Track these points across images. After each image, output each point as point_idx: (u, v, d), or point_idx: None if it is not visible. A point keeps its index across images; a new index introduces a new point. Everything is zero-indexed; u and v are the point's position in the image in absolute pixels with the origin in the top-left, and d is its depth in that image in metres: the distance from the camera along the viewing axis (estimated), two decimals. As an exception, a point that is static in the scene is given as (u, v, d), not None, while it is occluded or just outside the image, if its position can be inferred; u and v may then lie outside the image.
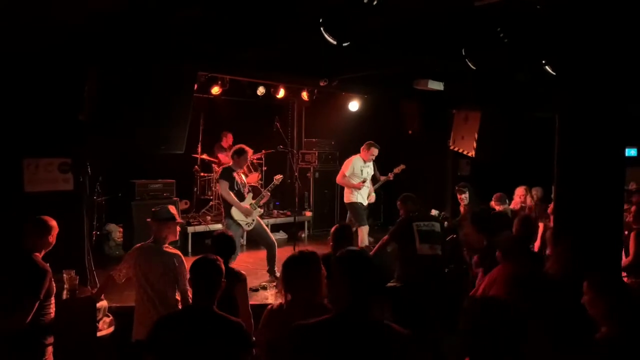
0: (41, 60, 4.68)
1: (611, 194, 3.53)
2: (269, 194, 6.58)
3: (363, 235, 7.03)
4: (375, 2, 2.92)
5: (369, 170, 7.33)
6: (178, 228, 3.97)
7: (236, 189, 6.04)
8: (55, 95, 4.76)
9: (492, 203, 6.52)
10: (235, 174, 6.08)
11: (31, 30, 4.35)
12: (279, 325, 2.51)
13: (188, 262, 3.79)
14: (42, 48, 4.58)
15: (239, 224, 5.98)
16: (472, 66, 4.44)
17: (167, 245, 3.82)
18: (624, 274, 3.80)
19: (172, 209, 3.92)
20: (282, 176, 6.75)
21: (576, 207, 3.57)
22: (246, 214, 6.02)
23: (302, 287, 2.65)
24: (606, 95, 3.51)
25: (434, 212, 6.80)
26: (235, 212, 5.99)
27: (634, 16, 3.73)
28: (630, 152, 9.02)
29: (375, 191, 7.74)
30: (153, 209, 3.93)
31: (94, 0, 3.92)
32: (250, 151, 6.27)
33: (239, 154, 6.09)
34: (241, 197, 6.07)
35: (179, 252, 3.82)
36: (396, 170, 7.65)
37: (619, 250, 3.71)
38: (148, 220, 3.88)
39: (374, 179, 7.66)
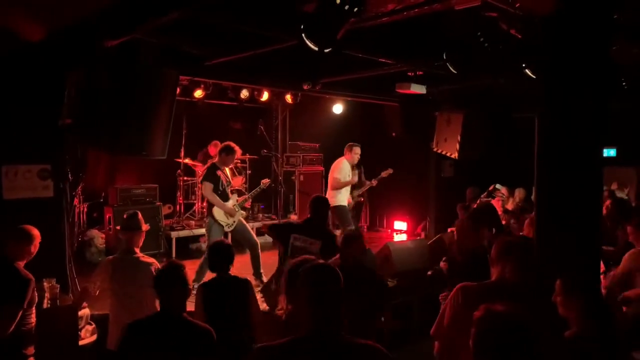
0: (19, 66, 4.62)
1: (589, 193, 3.58)
2: (250, 200, 6.56)
3: None
4: (356, 9, 2.94)
5: (353, 175, 7.41)
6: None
7: (221, 189, 6.00)
8: (34, 101, 4.70)
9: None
10: (219, 172, 6.03)
11: (9, 34, 4.29)
12: (282, 334, 2.47)
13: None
14: (20, 53, 4.51)
15: (220, 224, 5.96)
16: (452, 70, 4.48)
17: (139, 253, 3.82)
18: None
19: (140, 216, 4.01)
20: (269, 180, 6.74)
21: (556, 207, 3.62)
22: (229, 214, 5.98)
23: None
24: (585, 97, 3.57)
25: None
26: (217, 212, 5.95)
27: (610, 16, 3.81)
28: (610, 152, 9.16)
29: (360, 195, 7.78)
30: (125, 216, 3.98)
31: (74, 4, 3.88)
32: (239, 151, 6.22)
33: (228, 152, 6.03)
34: (226, 197, 6.03)
35: (154, 260, 3.80)
36: (384, 174, 7.68)
37: (597, 249, 3.77)
38: (117, 227, 3.89)
39: (359, 184, 7.69)
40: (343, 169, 7.24)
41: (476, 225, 4.10)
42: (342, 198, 7.24)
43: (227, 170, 6.25)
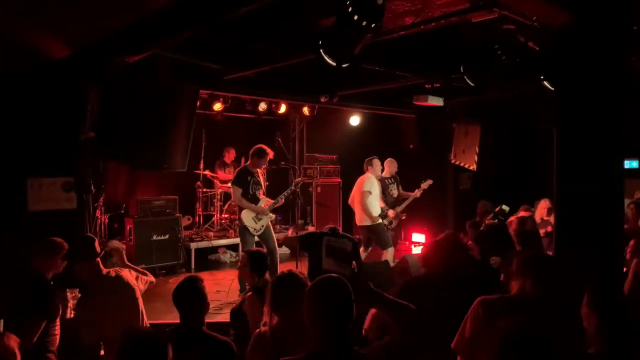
0: (43, 81, 4.75)
1: (610, 206, 3.54)
2: (283, 200, 6.54)
3: (389, 258, 6.66)
4: (373, 25, 2.97)
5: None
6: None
7: (251, 193, 6.02)
8: (57, 115, 4.83)
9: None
10: (249, 177, 6.03)
11: (33, 52, 4.43)
12: (270, 350, 2.46)
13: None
14: (44, 70, 4.65)
15: (247, 229, 5.98)
16: (470, 82, 4.48)
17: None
18: None
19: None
20: (302, 179, 6.73)
21: (576, 220, 3.58)
22: (257, 218, 5.99)
23: (293, 309, 2.50)
24: (603, 108, 3.54)
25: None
26: (245, 217, 5.96)
27: (626, 27, 3.78)
28: (632, 163, 9.00)
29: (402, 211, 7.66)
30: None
31: (95, 21, 3.99)
32: (270, 153, 6.22)
33: (260, 155, 6.07)
34: (255, 201, 6.05)
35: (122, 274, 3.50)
36: (424, 185, 7.40)
37: (620, 263, 3.71)
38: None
39: (398, 200, 7.57)
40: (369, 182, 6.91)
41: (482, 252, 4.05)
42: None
43: (259, 172, 6.23)
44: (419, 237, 9.61)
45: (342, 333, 1.88)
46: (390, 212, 7.16)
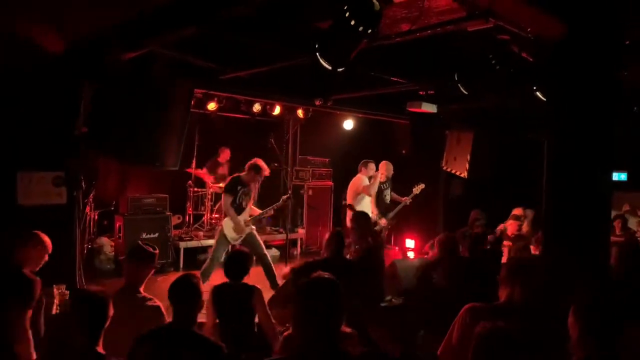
0: (37, 76, 4.72)
1: (597, 216, 3.58)
2: (272, 212, 6.55)
3: None
4: (370, 31, 2.99)
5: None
6: None
7: (237, 202, 6.01)
8: (50, 109, 4.80)
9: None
10: (240, 187, 6.01)
11: (27, 46, 4.41)
12: None
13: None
14: (38, 63, 4.62)
15: (225, 236, 6.00)
16: (463, 91, 4.52)
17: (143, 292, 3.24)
18: None
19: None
20: (289, 195, 6.82)
21: (564, 229, 3.62)
22: (237, 230, 5.99)
23: None
24: (595, 121, 3.58)
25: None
26: (225, 225, 5.99)
27: (620, 41, 3.84)
28: (621, 176, 9.10)
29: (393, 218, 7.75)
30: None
31: (90, 16, 3.98)
32: (266, 170, 6.12)
33: (256, 170, 6.01)
34: (240, 211, 6.04)
35: (159, 304, 3.18)
36: (415, 190, 7.53)
37: (605, 272, 3.75)
38: (121, 258, 3.52)
39: (390, 206, 7.64)
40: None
41: None
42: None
43: (252, 186, 6.14)
44: (409, 242, 9.63)
45: (330, 333, 1.88)
46: (383, 221, 7.21)
